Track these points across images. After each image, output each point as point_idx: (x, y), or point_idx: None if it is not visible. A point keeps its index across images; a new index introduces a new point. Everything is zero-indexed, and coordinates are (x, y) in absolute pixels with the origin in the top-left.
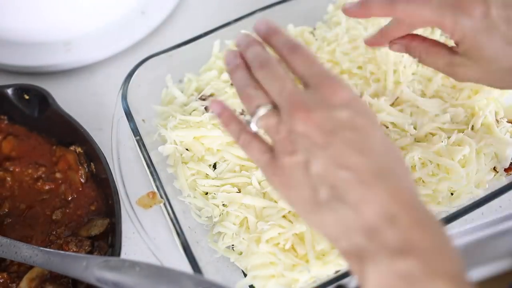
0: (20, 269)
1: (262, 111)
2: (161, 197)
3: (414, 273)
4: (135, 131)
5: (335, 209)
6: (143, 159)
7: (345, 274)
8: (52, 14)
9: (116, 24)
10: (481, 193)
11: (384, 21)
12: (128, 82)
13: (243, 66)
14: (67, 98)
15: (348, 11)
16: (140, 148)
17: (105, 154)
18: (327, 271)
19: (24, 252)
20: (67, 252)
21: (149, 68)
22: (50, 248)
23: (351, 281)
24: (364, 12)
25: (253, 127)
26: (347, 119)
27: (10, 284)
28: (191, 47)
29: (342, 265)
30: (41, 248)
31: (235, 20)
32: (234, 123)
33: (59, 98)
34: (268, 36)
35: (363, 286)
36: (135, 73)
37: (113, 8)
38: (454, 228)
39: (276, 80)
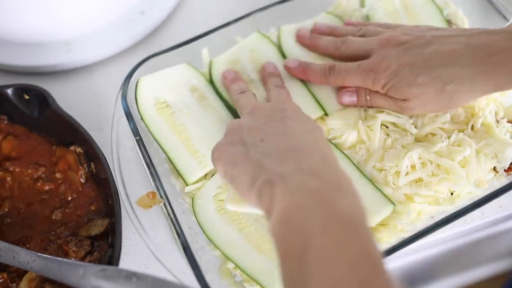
0: (20, 269)
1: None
2: (161, 197)
3: (320, 189)
4: (135, 131)
5: (256, 146)
6: (143, 159)
7: None
8: (52, 14)
9: (116, 24)
10: (481, 193)
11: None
12: (128, 82)
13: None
14: (67, 98)
15: (289, 69)
16: (140, 148)
17: (105, 154)
18: None
19: (21, 257)
20: (64, 259)
21: (149, 68)
22: (49, 247)
23: None
24: (303, 77)
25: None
26: (281, 117)
27: (10, 284)
28: (191, 47)
29: None
30: (39, 254)
31: (235, 20)
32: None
33: (59, 98)
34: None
35: (272, 211)
36: (135, 73)
37: (113, 8)
38: (454, 228)
39: (246, 97)
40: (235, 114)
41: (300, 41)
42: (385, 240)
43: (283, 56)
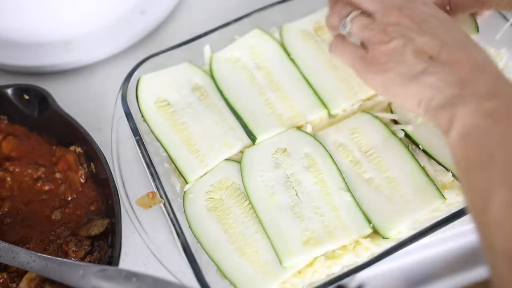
0: (20, 269)
1: (354, 14)
2: (161, 197)
3: (499, 111)
4: (135, 131)
5: (433, 71)
6: (143, 159)
7: (345, 274)
8: (52, 14)
9: (116, 24)
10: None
11: None
12: (128, 82)
13: None
14: (67, 98)
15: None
16: (140, 148)
17: (105, 154)
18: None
19: (21, 257)
20: (64, 259)
21: (149, 68)
22: (49, 247)
23: (351, 281)
24: None
25: (348, 25)
26: (432, 13)
27: (10, 284)
28: (191, 47)
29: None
30: (39, 254)
31: (235, 20)
32: (330, 29)
33: (59, 98)
34: None
35: (450, 129)
36: (135, 73)
37: (113, 8)
38: (454, 228)
39: None
40: (235, 112)
41: None
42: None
43: (285, 52)
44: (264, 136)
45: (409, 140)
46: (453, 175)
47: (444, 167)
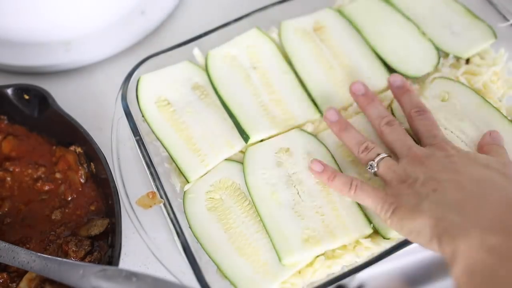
0: (20, 269)
1: (383, 155)
2: (161, 197)
3: (504, 248)
4: (135, 131)
5: (434, 199)
6: (143, 159)
7: (345, 275)
8: (52, 14)
9: (116, 24)
10: None
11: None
12: (128, 82)
13: (350, 125)
14: (67, 98)
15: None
16: (140, 148)
17: (105, 154)
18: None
19: (21, 257)
20: (64, 259)
21: (149, 68)
22: (49, 247)
23: (351, 281)
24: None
25: (374, 167)
26: (452, 162)
27: (10, 284)
28: (191, 47)
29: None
30: (39, 254)
31: (235, 20)
32: (341, 175)
33: (59, 98)
34: (401, 92)
35: (453, 263)
36: (135, 72)
37: (113, 8)
38: None
39: (401, 136)
40: (229, 111)
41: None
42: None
43: (283, 53)
44: (257, 137)
45: None
46: None
47: None
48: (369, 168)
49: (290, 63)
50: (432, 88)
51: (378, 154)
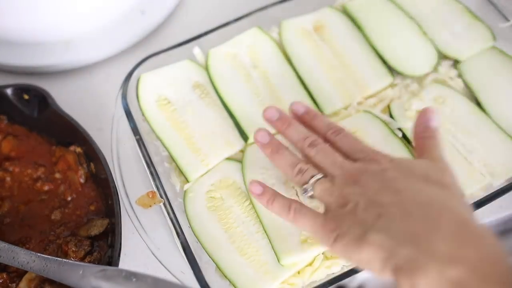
0: (19, 269)
1: (318, 176)
2: (161, 196)
3: (465, 280)
4: (135, 131)
5: (383, 230)
6: (143, 158)
7: (345, 274)
8: (52, 14)
9: (116, 24)
10: (481, 194)
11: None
12: (128, 81)
13: (282, 146)
14: (67, 98)
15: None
16: (140, 148)
17: (104, 154)
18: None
19: (21, 257)
20: (64, 260)
21: (149, 68)
22: (49, 247)
23: (351, 281)
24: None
25: (310, 191)
26: (390, 180)
27: (9, 284)
28: (191, 47)
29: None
30: (39, 254)
31: (235, 20)
32: (280, 198)
33: (58, 98)
34: (310, 118)
35: None
36: (135, 72)
37: (113, 8)
38: None
39: (328, 155)
40: (228, 110)
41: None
42: None
43: (283, 52)
44: None
45: (407, 141)
46: None
47: None
48: (304, 192)
49: (290, 62)
50: (429, 91)
51: (312, 176)
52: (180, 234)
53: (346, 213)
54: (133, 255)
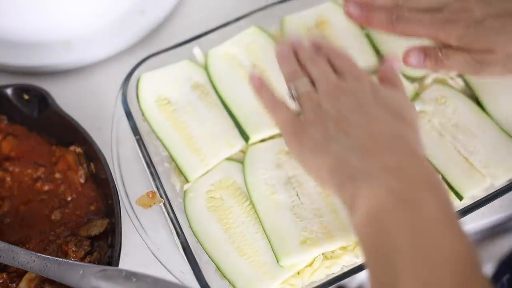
0: (19, 269)
1: (305, 80)
2: (161, 196)
3: (404, 192)
4: (135, 131)
5: (342, 143)
6: (143, 158)
7: (345, 275)
8: (52, 14)
9: (116, 24)
10: (482, 194)
11: None
12: (128, 81)
13: (292, 56)
14: (67, 98)
15: (351, 15)
16: (140, 148)
17: (104, 154)
18: None
19: (21, 257)
20: (64, 260)
21: (149, 68)
22: (49, 247)
23: (351, 281)
24: (364, 22)
25: (292, 89)
26: (365, 105)
27: (9, 284)
28: (191, 47)
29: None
30: (39, 254)
31: (235, 20)
32: (265, 89)
33: (58, 98)
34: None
35: (353, 206)
36: (135, 72)
37: (113, 7)
38: None
39: (319, 67)
40: (229, 110)
41: (351, 15)
42: None
43: None
44: (257, 136)
45: None
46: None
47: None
48: (288, 91)
49: None
50: (430, 92)
51: (302, 78)
52: (180, 234)
53: (316, 120)
54: (133, 255)
